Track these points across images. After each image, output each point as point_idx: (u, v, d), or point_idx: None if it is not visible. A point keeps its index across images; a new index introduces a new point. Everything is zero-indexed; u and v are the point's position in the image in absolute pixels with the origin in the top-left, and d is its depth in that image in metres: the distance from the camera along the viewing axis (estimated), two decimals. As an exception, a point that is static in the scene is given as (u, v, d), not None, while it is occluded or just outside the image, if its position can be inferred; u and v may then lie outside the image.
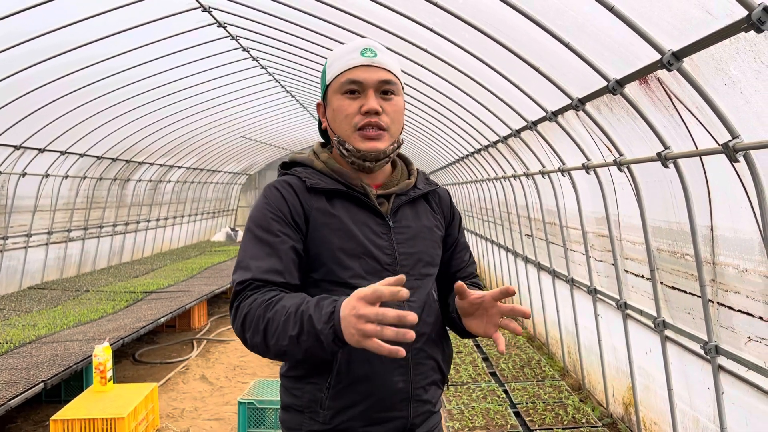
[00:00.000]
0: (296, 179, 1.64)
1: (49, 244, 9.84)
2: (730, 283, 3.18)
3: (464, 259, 1.87)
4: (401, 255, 1.63)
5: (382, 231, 1.63)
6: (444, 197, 1.84)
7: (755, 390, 3.10)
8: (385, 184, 1.71)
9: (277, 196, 1.60)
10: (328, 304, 1.36)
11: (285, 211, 1.57)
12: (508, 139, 6.29)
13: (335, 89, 1.63)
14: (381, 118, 1.59)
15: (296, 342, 1.37)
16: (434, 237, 1.74)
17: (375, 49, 1.62)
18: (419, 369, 1.61)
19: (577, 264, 5.65)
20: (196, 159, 14.13)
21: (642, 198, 3.98)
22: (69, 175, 9.95)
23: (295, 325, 1.36)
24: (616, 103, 3.62)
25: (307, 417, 1.58)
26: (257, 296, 1.47)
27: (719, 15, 2.30)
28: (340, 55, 1.64)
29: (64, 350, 5.52)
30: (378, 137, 1.60)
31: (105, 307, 7.58)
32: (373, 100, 1.58)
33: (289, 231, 1.56)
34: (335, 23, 5.92)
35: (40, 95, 7.26)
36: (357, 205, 1.63)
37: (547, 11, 3.28)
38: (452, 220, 1.84)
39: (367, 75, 1.59)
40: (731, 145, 2.66)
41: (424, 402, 1.63)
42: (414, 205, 1.73)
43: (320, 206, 1.60)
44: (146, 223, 13.40)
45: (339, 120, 1.62)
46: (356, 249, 1.58)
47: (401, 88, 1.68)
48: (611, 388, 5.05)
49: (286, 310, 1.39)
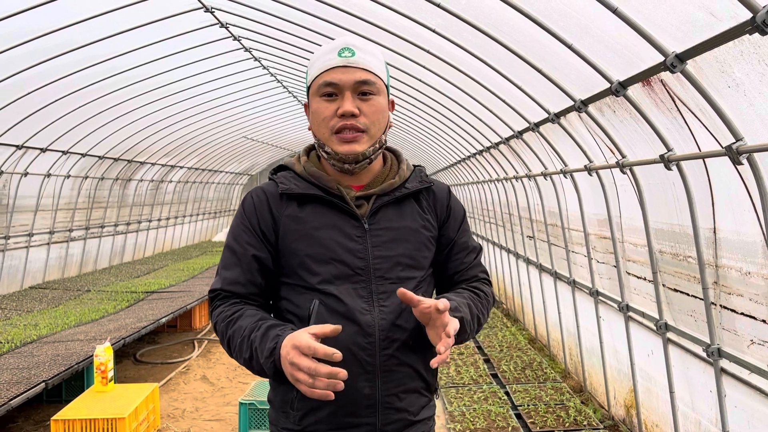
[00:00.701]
0: (272, 185, 1.67)
1: (50, 243, 9.84)
2: (732, 285, 3.17)
3: (464, 262, 1.78)
4: (376, 258, 1.59)
5: (356, 234, 1.60)
6: (440, 195, 1.77)
7: (758, 393, 3.09)
8: (369, 184, 1.68)
9: (249, 206, 1.65)
10: (271, 338, 1.46)
11: (253, 221, 1.63)
12: (510, 141, 6.28)
13: (314, 91, 1.61)
14: (358, 120, 1.57)
15: (249, 364, 1.52)
16: (420, 238, 1.67)
17: (353, 47, 1.58)
18: (390, 376, 1.56)
19: (579, 266, 5.64)
20: (198, 159, 14.13)
21: (644, 200, 3.97)
22: (71, 175, 9.95)
23: (246, 350, 1.50)
24: (619, 105, 3.61)
25: (282, 415, 1.62)
26: (223, 309, 1.60)
27: (723, 17, 2.30)
28: (319, 56, 1.62)
29: (65, 350, 5.52)
30: (355, 140, 1.57)
31: (106, 306, 7.58)
32: (349, 102, 1.56)
33: (253, 240, 1.62)
34: (337, 24, 5.91)
35: (42, 95, 7.26)
36: (332, 208, 1.62)
37: (550, 12, 3.28)
38: (447, 219, 1.76)
39: (343, 76, 1.56)
40: (735, 148, 2.65)
41: (397, 410, 1.58)
42: (399, 205, 1.68)
43: (290, 212, 1.62)
44: (148, 223, 13.41)
45: (317, 123, 1.61)
46: (324, 254, 1.57)
47: (383, 86, 1.63)
48: (612, 390, 5.04)
49: (242, 331, 1.52)
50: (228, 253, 1.65)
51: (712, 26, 2.39)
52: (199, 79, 9.07)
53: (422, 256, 1.68)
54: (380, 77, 1.62)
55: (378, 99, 1.60)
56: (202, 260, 12.48)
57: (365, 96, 1.58)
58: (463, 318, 1.57)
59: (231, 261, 1.63)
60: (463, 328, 1.57)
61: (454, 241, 1.77)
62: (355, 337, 1.53)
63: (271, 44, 7.89)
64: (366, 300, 1.57)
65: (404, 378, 1.59)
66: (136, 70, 7.80)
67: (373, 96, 1.59)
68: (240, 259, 1.61)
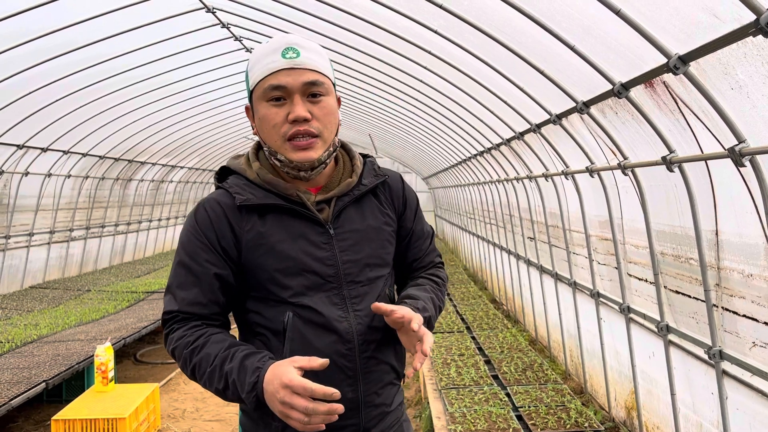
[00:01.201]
0: (227, 196, 1.56)
1: (51, 243, 9.85)
2: (734, 287, 3.17)
3: (422, 248, 1.78)
4: (345, 263, 1.56)
5: (322, 241, 1.55)
6: (394, 187, 1.73)
7: (760, 395, 3.09)
8: (326, 186, 1.62)
9: (205, 219, 1.53)
10: (251, 371, 1.39)
11: (211, 237, 1.52)
12: (511, 142, 6.28)
13: (259, 96, 1.52)
14: (311, 125, 1.49)
15: (222, 394, 1.45)
16: (383, 236, 1.65)
17: (298, 47, 1.50)
18: (370, 376, 1.56)
19: (580, 267, 5.64)
20: (198, 159, 14.14)
21: (646, 202, 3.97)
22: (71, 175, 9.96)
23: (219, 381, 1.43)
24: (621, 107, 3.60)
25: (262, 425, 1.55)
26: (183, 333, 1.50)
27: (727, 19, 2.29)
28: (261, 57, 1.52)
29: (65, 350, 5.52)
30: (310, 146, 1.50)
31: (107, 306, 7.58)
32: (300, 106, 1.48)
33: (213, 258, 1.52)
34: (338, 24, 5.91)
35: (44, 95, 7.27)
36: (294, 216, 1.55)
37: (553, 14, 3.27)
38: (404, 210, 1.73)
39: (291, 79, 1.47)
40: (737, 150, 2.65)
41: (377, 406, 1.59)
42: (359, 203, 1.64)
43: (251, 225, 1.53)
44: (148, 223, 13.41)
45: (267, 130, 1.52)
46: (293, 267, 1.51)
47: (331, 85, 1.56)
48: (613, 392, 5.03)
49: (212, 360, 1.44)
50: (183, 270, 1.53)
51: (715, 28, 2.39)
52: (200, 80, 9.08)
53: (386, 252, 1.66)
54: (327, 76, 1.55)
55: (328, 100, 1.54)
56: (202, 260, 12.47)
57: (315, 98, 1.51)
58: (431, 317, 1.61)
59: (187, 280, 1.52)
60: (431, 324, 1.62)
61: (412, 230, 1.76)
62: (334, 345, 1.52)
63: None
64: (340, 307, 1.55)
65: (381, 375, 1.60)
66: (137, 70, 7.81)
67: (322, 97, 1.52)
68: (199, 278, 1.51)
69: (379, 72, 7.30)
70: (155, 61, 7.75)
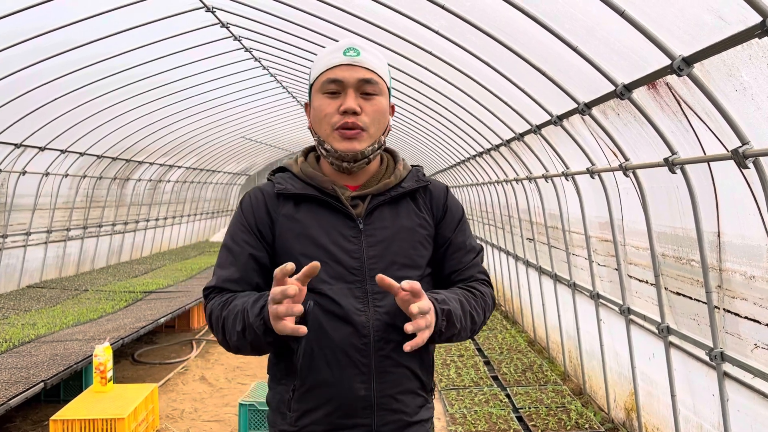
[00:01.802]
0: (270, 186, 1.69)
1: (48, 242, 9.81)
2: (736, 289, 3.17)
3: (462, 261, 1.75)
4: (371, 258, 1.59)
5: (351, 234, 1.60)
6: (437, 194, 1.75)
7: (762, 397, 3.09)
8: (364, 184, 1.68)
9: (247, 205, 1.67)
10: (261, 299, 1.48)
11: (251, 220, 1.64)
12: (511, 143, 6.27)
13: (317, 89, 1.62)
14: (359, 118, 1.57)
15: (242, 336, 1.50)
16: (416, 237, 1.66)
17: (358, 48, 1.60)
18: (386, 377, 1.55)
19: (580, 268, 5.64)
20: (196, 159, 14.10)
21: (647, 203, 3.97)
22: (69, 174, 9.92)
23: (240, 323, 1.49)
24: (624, 108, 3.60)
25: (279, 416, 1.62)
26: (217, 298, 1.61)
27: (732, 21, 2.29)
28: (324, 55, 1.63)
29: (63, 350, 5.49)
30: (356, 137, 1.57)
31: (104, 306, 7.55)
32: (352, 99, 1.57)
33: (251, 239, 1.63)
34: (338, 24, 5.90)
35: (42, 93, 7.23)
36: (327, 208, 1.62)
37: (556, 15, 3.27)
38: (443, 217, 1.74)
39: (347, 74, 1.57)
40: (741, 152, 2.65)
41: (393, 411, 1.58)
42: (395, 204, 1.68)
43: (287, 212, 1.63)
44: (145, 222, 13.37)
45: (319, 119, 1.61)
46: (319, 254, 1.57)
47: (386, 88, 1.64)
48: (613, 393, 5.03)
49: (236, 308, 1.52)
50: (224, 251, 1.66)
51: (720, 30, 2.39)
52: (199, 79, 9.06)
53: (418, 255, 1.66)
54: (383, 79, 1.63)
55: (380, 99, 1.61)
56: (200, 260, 12.45)
57: (368, 95, 1.59)
58: (451, 311, 1.54)
59: (227, 259, 1.64)
60: (452, 322, 1.55)
61: (450, 240, 1.75)
62: (350, 338, 1.54)
63: (271, 44, 7.88)
64: (361, 300, 1.57)
65: (400, 379, 1.59)
66: (135, 69, 7.78)
67: (375, 96, 1.60)
68: (236, 258, 1.62)
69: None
70: (154, 61, 7.72)
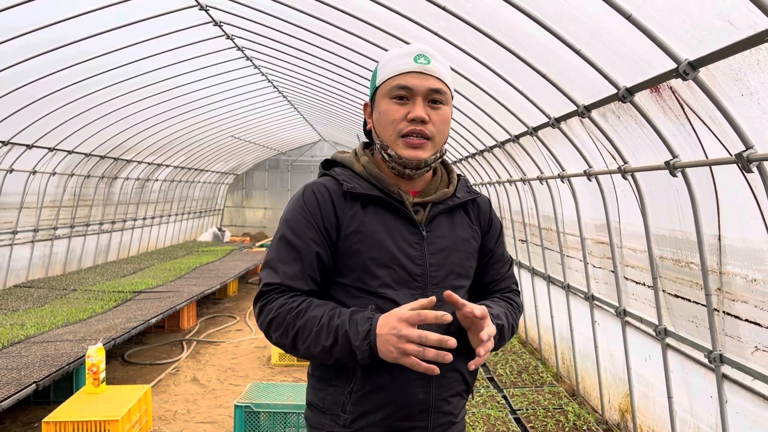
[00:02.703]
0: (334, 182, 1.65)
1: (35, 241, 9.68)
2: (737, 292, 3.19)
3: (501, 272, 1.83)
4: (432, 266, 1.62)
5: (414, 241, 1.62)
6: (483, 207, 1.82)
7: (761, 399, 3.11)
8: (423, 191, 1.70)
9: (312, 200, 1.61)
10: (363, 321, 1.46)
11: (317, 216, 1.59)
12: (505, 144, 6.29)
13: (384, 92, 1.61)
14: (426, 127, 1.58)
15: (328, 352, 1.48)
16: (469, 248, 1.72)
17: (429, 55, 1.60)
18: (442, 381, 1.59)
19: (574, 270, 5.66)
20: (185, 158, 14.00)
21: (646, 206, 3.99)
22: (56, 172, 9.80)
23: (328, 337, 1.47)
24: (624, 111, 3.62)
25: (328, 418, 1.61)
26: (284, 302, 1.55)
27: (742, 26, 2.31)
28: (393, 58, 1.62)
29: (54, 350, 5.42)
30: (421, 146, 1.58)
31: (94, 306, 7.47)
32: (421, 108, 1.57)
33: (317, 237, 1.59)
34: (335, 24, 5.88)
35: (31, 91, 7.14)
36: (392, 212, 1.62)
37: (560, 17, 3.28)
38: (489, 230, 1.81)
39: (418, 82, 1.57)
40: (745, 156, 2.67)
41: (445, 413, 1.62)
42: (451, 214, 1.72)
43: (354, 212, 1.60)
44: (133, 221, 13.25)
45: (384, 124, 1.61)
46: (386, 258, 1.58)
47: (451, 97, 1.66)
48: (607, 395, 5.06)
49: (318, 320, 1.49)
50: (286, 246, 1.59)
51: (728, 34, 2.40)
52: (189, 78, 8.99)
53: (470, 265, 1.73)
54: (449, 87, 1.64)
55: (446, 109, 1.63)
56: (188, 260, 12.36)
57: (435, 104, 1.60)
58: (503, 326, 1.63)
59: (290, 255, 1.58)
60: (502, 335, 1.64)
61: (493, 251, 1.82)
62: None
63: (265, 44, 7.84)
64: None
65: (453, 383, 1.63)
66: (126, 67, 7.70)
67: (442, 105, 1.61)
68: (302, 255, 1.58)
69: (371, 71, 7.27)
70: (145, 59, 7.65)
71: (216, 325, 8.83)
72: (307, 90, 10.47)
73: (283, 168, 19.90)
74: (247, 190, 20.11)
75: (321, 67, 8.22)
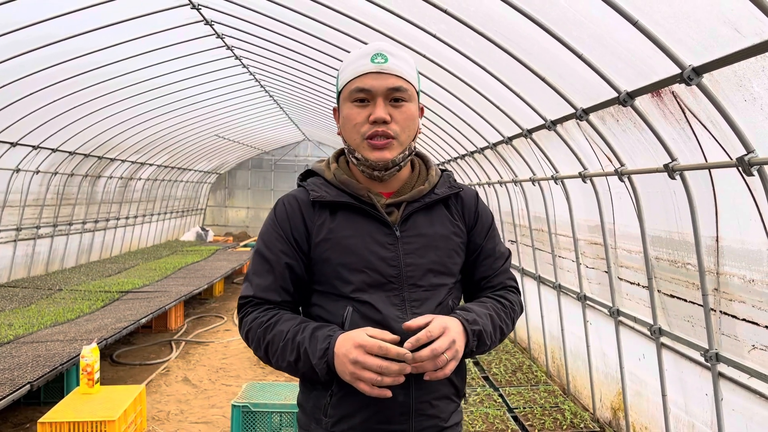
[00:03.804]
0: (304, 192, 1.68)
1: (17, 240, 9.54)
2: (734, 292, 3.27)
3: (492, 267, 1.78)
4: (408, 266, 1.60)
5: (388, 242, 1.61)
6: (468, 201, 1.77)
7: (757, 396, 3.20)
8: (398, 191, 1.68)
9: (282, 213, 1.65)
10: (322, 339, 1.48)
11: (286, 228, 1.63)
12: (497, 146, 6.35)
13: (345, 96, 1.62)
14: (389, 127, 1.57)
15: (294, 367, 1.53)
16: (450, 245, 1.68)
17: (386, 53, 1.59)
18: (423, 383, 1.56)
19: (566, 271, 5.74)
20: (168, 157, 13.89)
21: (642, 208, 4.06)
22: (40, 171, 9.68)
23: (292, 353, 1.51)
24: (624, 115, 3.69)
25: (313, 420, 1.63)
26: (257, 315, 1.61)
27: (748, 33, 2.37)
28: (351, 61, 1.62)
29: (45, 351, 5.36)
30: (386, 146, 1.58)
31: (81, 306, 7.40)
32: (381, 108, 1.56)
33: (287, 248, 1.62)
34: (330, 25, 5.89)
35: (16, 88, 7.04)
36: (363, 216, 1.62)
37: (564, 22, 3.33)
38: (475, 224, 1.76)
39: (376, 82, 1.56)
40: (747, 159, 2.74)
41: (429, 416, 1.60)
42: (429, 211, 1.69)
43: (322, 221, 1.62)
44: (116, 221, 13.12)
45: (348, 128, 1.62)
46: (357, 263, 1.58)
47: (415, 93, 1.64)
48: (599, 393, 5.13)
49: (284, 335, 1.53)
50: (259, 259, 1.64)
51: (734, 42, 2.47)
52: (177, 76, 8.93)
53: (453, 262, 1.69)
54: (412, 84, 1.62)
55: (409, 106, 1.61)
56: (173, 260, 12.27)
57: (397, 102, 1.59)
58: (482, 331, 1.58)
59: (263, 268, 1.63)
60: (483, 340, 1.59)
61: (482, 246, 1.77)
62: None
63: (256, 44, 7.83)
64: (399, 308, 1.58)
65: (436, 384, 1.61)
66: (113, 65, 7.64)
67: (404, 103, 1.60)
68: (273, 267, 1.62)
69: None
70: (133, 57, 7.58)
71: (204, 325, 8.79)
72: (294, 89, 10.46)
73: (267, 167, 19.83)
74: (229, 190, 20.00)
75: (312, 67, 8.23)
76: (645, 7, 2.77)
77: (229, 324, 8.89)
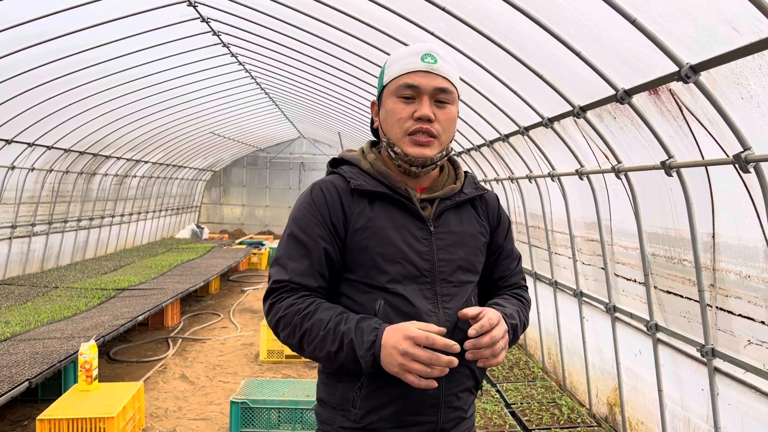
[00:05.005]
0: (341, 180, 1.67)
1: (12, 238, 9.51)
2: (730, 288, 3.31)
3: (510, 268, 1.85)
4: (440, 261, 1.64)
5: (422, 236, 1.63)
6: (491, 203, 1.84)
7: (753, 391, 3.23)
8: (431, 187, 1.72)
9: (320, 197, 1.63)
10: (369, 331, 1.48)
11: (324, 214, 1.61)
12: (494, 143, 6.37)
13: (391, 91, 1.63)
14: (433, 126, 1.60)
15: (333, 357, 1.51)
16: (477, 244, 1.73)
17: (436, 55, 1.62)
18: (452, 376, 1.59)
19: (562, 267, 5.77)
20: (163, 154, 13.86)
21: (639, 205, 4.09)
22: (35, 168, 9.65)
23: (333, 342, 1.49)
24: (621, 112, 3.71)
25: (339, 414, 1.63)
26: (293, 301, 1.57)
27: (746, 32, 2.40)
28: (400, 57, 1.64)
29: (43, 348, 5.36)
30: (427, 144, 1.61)
31: (78, 304, 7.39)
32: (427, 106, 1.59)
33: (325, 233, 1.61)
34: (327, 22, 5.90)
35: (12, 85, 7.03)
36: (399, 208, 1.65)
37: (562, 20, 3.35)
38: (498, 226, 1.83)
39: (425, 81, 1.59)
40: (743, 157, 2.77)
41: (455, 408, 1.64)
42: (459, 210, 1.73)
43: (361, 209, 1.63)
44: (111, 218, 13.08)
45: (391, 122, 1.63)
46: (394, 254, 1.60)
47: (457, 96, 1.68)
48: (595, 389, 5.17)
49: (325, 324, 1.51)
50: (294, 243, 1.62)
51: (732, 40, 2.50)
52: (172, 74, 8.92)
53: (478, 261, 1.74)
54: (456, 87, 1.67)
55: (452, 108, 1.65)
56: (169, 257, 12.26)
57: (441, 104, 1.62)
58: (516, 325, 1.66)
59: (299, 252, 1.60)
60: (517, 335, 1.68)
61: (502, 247, 1.84)
62: None
63: (254, 41, 7.82)
64: (431, 302, 1.61)
65: (462, 378, 1.65)
66: (110, 62, 7.62)
67: (448, 105, 1.63)
68: (310, 251, 1.60)
69: (364, 71, 7.31)
70: (130, 54, 7.58)
71: (200, 322, 8.79)
72: (290, 87, 10.46)
73: (262, 165, 19.80)
74: (224, 187, 19.97)
75: (309, 65, 8.23)
76: (643, 6, 2.79)
77: (226, 321, 8.89)
